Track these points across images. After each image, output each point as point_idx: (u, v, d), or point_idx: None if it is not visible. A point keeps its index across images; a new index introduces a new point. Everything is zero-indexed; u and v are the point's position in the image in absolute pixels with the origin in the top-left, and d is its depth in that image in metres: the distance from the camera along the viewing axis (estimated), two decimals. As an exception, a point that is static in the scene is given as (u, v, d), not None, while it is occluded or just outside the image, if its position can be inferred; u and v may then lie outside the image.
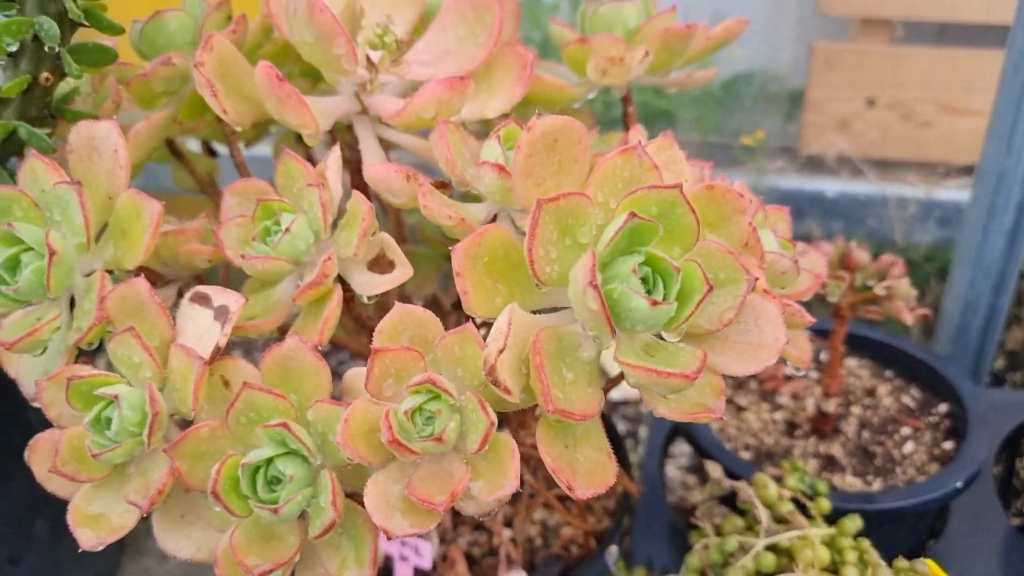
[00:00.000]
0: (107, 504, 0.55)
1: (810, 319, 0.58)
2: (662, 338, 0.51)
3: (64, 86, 0.66)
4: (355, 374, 0.53)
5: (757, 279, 0.51)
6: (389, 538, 0.49)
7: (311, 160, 0.76)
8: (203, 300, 0.54)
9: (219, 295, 0.54)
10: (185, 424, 0.57)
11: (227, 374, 0.54)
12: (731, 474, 0.80)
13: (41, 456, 0.58)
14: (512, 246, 0.50)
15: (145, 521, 1.27)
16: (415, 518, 0.49)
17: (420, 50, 0.67)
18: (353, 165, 0.72)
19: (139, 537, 1.21)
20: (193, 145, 0.88)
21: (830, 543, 0.70)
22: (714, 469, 0.78)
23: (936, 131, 1.38)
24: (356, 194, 0.56)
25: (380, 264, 0.57)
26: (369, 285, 0.56)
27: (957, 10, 1.32)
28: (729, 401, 0.86)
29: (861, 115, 1.39)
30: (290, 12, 0.57)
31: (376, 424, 0.49)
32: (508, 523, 0.86)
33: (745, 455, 0.89)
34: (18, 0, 0.59)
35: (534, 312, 0.51)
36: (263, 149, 0.94)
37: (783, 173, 1.44)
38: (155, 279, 0.65)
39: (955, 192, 1.39)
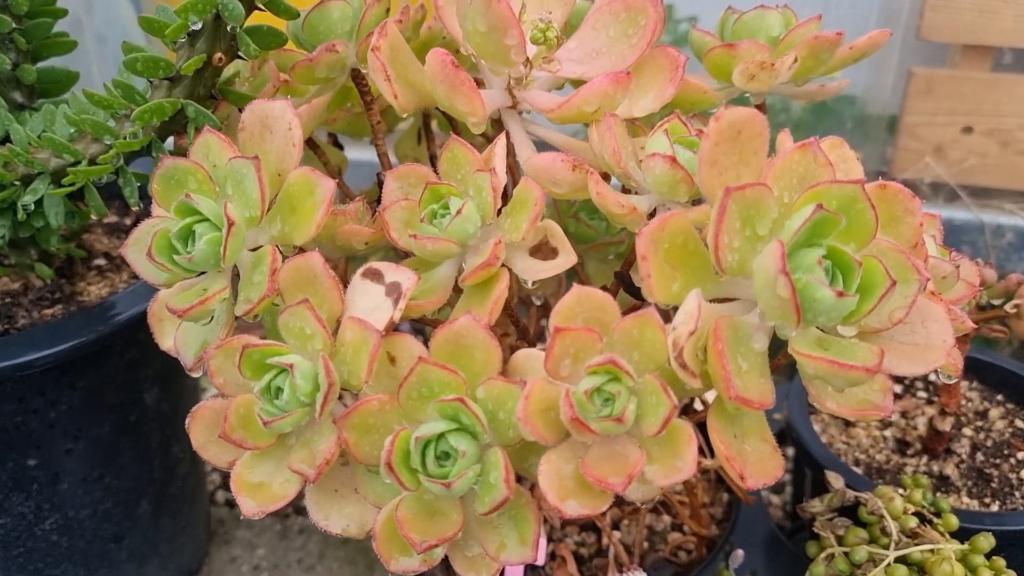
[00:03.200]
0: (268, 473, 0.57)
1: (971, 324, 0.58)
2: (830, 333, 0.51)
3: (226, 70, 0.68)
4: (524, 354, 0.54)
5: (928, 279, 0.52)
6: (563, 518, 0.49)
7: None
8: (375, 276, 0.55)
9: (391, 272, 0.55)
10: (346, 397, 0.58)
11: (393, 350, 0.55)
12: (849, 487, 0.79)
13: (202, 424, 0.59)
14: (690, 235, 0.50)
15: (233, 509, 1.28)
16: (587, 499, 0.49)
17: (571, 48, 0.68)
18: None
19: (227, 525, 1.22)
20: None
21: (962, 560, 0.69)
22: (836, 480, 0.77)
23: (1035, 160, 1.36)
24: (526, 180, 0.57)
25: (542, 251, 0.58)
26: (532, 271, 0.57)
27: (1062, 39, 1.31)
28: (837, 415, 0.85)
29: (958, 141, 1.38)
30: (465, 2, 0.58)
31: (553, 403, 0.50)
32: (615, 525, 0.86)
33: (856, 470, 0.88)
34: (201, -19, 0.61)
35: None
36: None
37: (877, 196, 1.42)
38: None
39: (1053, 222, 1.37)
